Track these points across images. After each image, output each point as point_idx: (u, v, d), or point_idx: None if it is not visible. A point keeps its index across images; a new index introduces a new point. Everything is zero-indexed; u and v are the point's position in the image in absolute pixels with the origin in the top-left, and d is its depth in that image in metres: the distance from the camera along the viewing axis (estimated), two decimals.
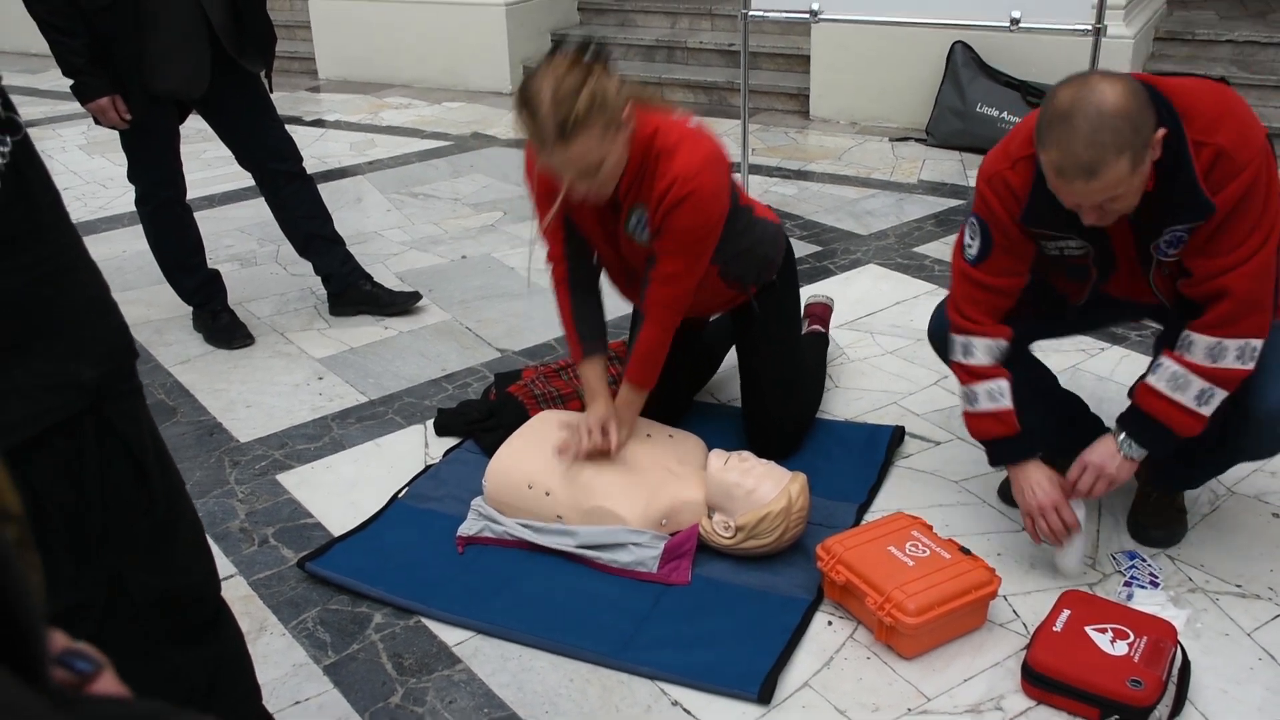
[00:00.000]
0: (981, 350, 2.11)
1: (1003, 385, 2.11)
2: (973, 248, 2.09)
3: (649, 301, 2.31)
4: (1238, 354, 1.90)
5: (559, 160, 2.06)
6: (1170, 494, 2.31)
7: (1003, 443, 2.15)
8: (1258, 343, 1.90)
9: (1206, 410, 1.93)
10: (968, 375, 2.14)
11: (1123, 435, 2.03)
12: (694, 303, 2.38)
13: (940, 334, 2.26)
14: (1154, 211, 1.90)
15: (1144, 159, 1.77)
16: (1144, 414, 1.99)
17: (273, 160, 3.30)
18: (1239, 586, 2.16)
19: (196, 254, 3.38)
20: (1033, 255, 2.08)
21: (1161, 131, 1.78)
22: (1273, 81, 5.07)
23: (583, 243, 2.41)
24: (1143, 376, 2.05)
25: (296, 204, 3.39)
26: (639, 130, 2.15)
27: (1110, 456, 2.05)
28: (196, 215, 3.41)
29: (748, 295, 2.56)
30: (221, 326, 3.39)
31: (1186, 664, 1.92)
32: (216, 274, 3.45)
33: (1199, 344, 1.91)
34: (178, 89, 2.99)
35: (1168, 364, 1.95)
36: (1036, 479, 2.11)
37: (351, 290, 3.52)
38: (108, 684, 0.60)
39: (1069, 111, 1.73)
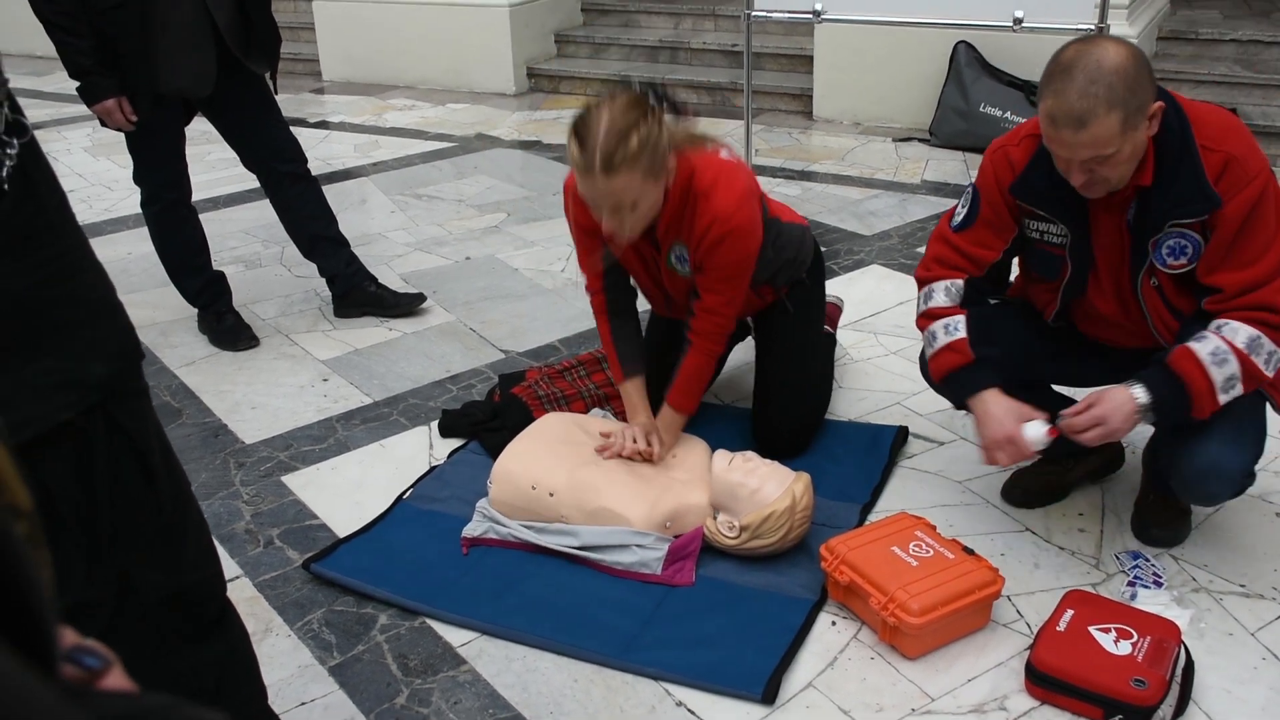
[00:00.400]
0: (940, 291, 2.18)
1: (958, 319, 2.15)
2: (960, 215, 2.17)
3: (694, 332, 2.42)
4: (1268, 356, 1.90)
5: (598, 190, 2.13)
6: (1169, 495, 2.31)
7: (960, 374, 2.14)
8: None
9: (1224, 398, 1.92)
10: (927, 320, 2.19)
11: (1144, 397, 1.94)
12: None
13: (926, 362, 2.27)
14: (1155, 206, 1.91)
15: (1137, 124, 1.79)
16: (1175, 375, 1.92)
17: (277, 161, 3.30)
18: (1243, 586, 2.16)
19: (201, 256, 3.39)
20: (1013, 235, 2.13)
21: (1159, 105, 1.82)
22: (1277, 81, 5.07)
23: (620, 272, 2.51)
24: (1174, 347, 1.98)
25: (301, 205, 3.39)
26: (679, 171, 2.25)
27: (1123, 414, 1.95)
28: (201, 217, 3.41)
29: (778, 294, 2.62)
30: (226, 328, 3.40)
31: (1190, 664, 1.92)
32: (221, 276, 3.46)
33: (1242, 330, 1.89)
34: (184, 89, 2.99)
35: (1212, 338, 1.90)
36: (993, 412, 2.08)
37: (356, 292, 3.52)
38: (116, 680, 0.60)
39: (1070, 65, 1.79)
